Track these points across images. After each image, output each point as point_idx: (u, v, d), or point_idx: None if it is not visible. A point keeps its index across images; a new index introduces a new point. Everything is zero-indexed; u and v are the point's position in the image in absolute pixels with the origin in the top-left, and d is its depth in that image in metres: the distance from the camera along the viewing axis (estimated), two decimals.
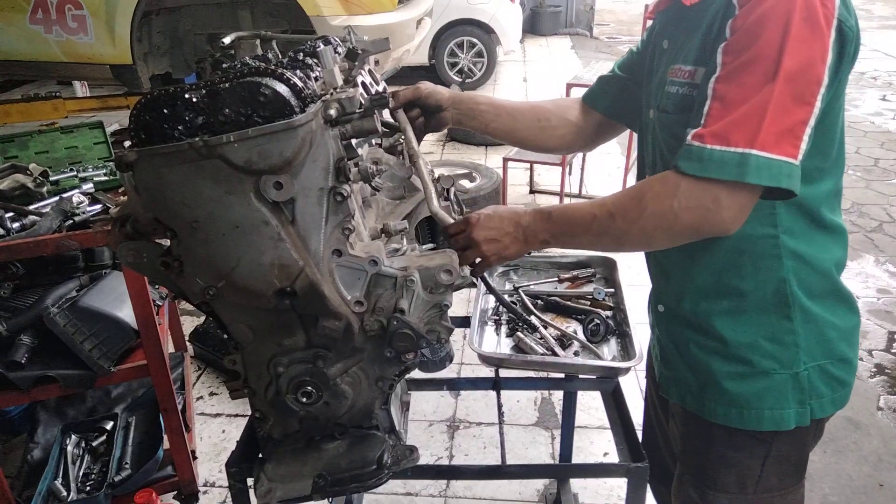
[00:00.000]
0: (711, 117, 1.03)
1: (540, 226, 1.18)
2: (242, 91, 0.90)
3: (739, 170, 0.99)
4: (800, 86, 0.99)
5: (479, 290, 1.65)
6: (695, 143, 1.03)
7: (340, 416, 1.19)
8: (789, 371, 1.20)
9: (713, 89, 1.03)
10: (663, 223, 1.06)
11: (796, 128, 1.00)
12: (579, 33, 11.25)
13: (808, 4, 0.98)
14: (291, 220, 0.98)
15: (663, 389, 1.39)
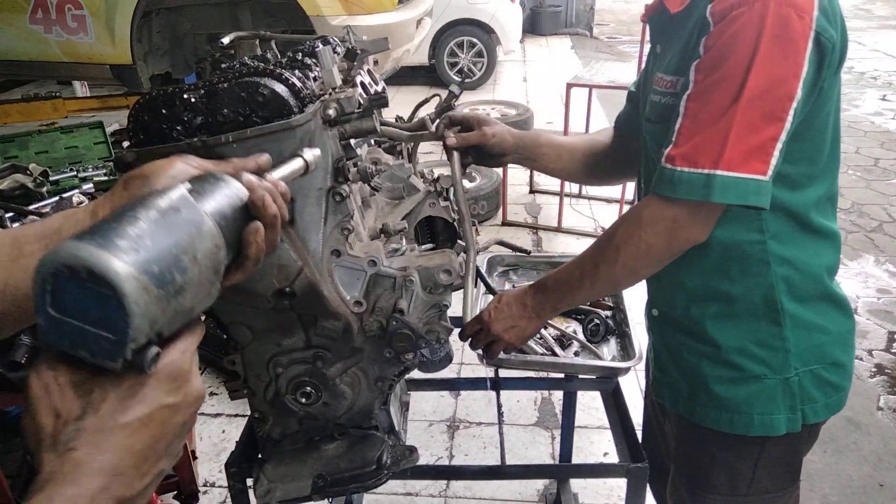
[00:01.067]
0: (682, 136, 1.05)
1: (542, 299, 1.25)
2: (241, 91, 0.90)
3: (705, 190, 1.02)
4: (768, 103, 1.00)
5: (479, 290, 1.65)
6: (667, 167, 1.06)
7: (340, 417, 1.19)
8: (780, 376, 1.20)
9: (685, 107, 1.05)
10: (640, 256, 1.11)
11: (766, 145, 1.02)
12: (579, 33, 11.25)
13: (782, 21, 0.98)
14: (290, 221, 0.98)
15: (657, 393, 1.39)
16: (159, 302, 0.45)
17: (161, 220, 0.47)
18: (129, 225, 0.45)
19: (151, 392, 0.46)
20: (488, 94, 7.56)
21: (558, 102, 6.81)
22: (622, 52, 10.01)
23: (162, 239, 0.46)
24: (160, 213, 0.48)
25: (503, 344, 1.29)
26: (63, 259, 0.42)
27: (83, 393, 0.43)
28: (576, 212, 4.75)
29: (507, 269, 1.81)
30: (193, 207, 0.51)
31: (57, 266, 0.42)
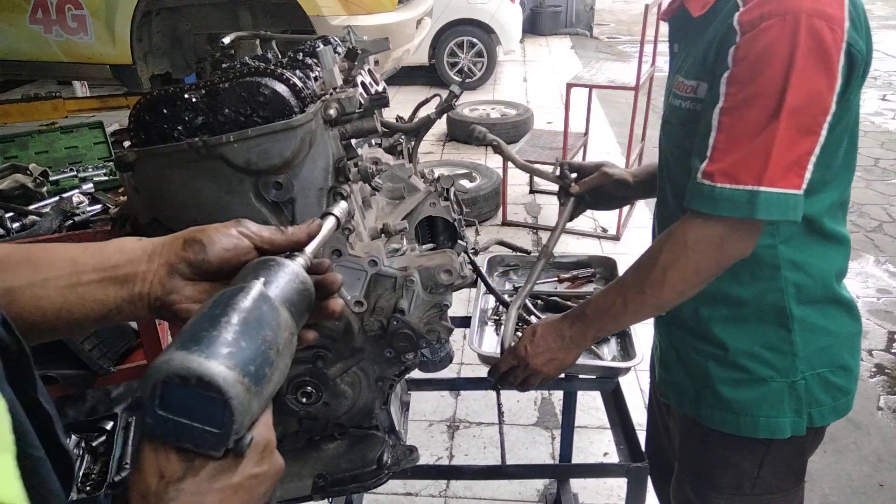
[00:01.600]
0: (718, 151, 1.04)
1: (581, 329, 1.23)
2: (242, 91, 0.90)
3: (749, 207, 1.01)
4: (805, 118, 1.00)
5: (479, 290, 1.65)
6: (705, 183, 1.04)
7: (340, 417, 1.19)
8: (786, 380, 1.20)
9: (718, 121, 1.04)
10: (689, 277, 1.10)
11: (801, 159, 1.01)
12: (579, 33, 11.25)
13: (814, 33, 0.97)
14: (291, 221, 0.98)
15: (662, 393, 1.39)
16: (256, 396, 0.51)
17: (248, 320, 0.53)
18: (225, 331, 0.51)
19: (244, 464, 0.53)
20: (488, 94, 7.57)
21: (558, 102, 6.81)
22: (622, 52, 10.01)
23: (252, 339, 0.52)
24: (247, 314, 0.53)
25: (541, 377, 1.27)
26: (174, 369, 0.48)
27: (186, 459, 0.50)
28: None
29: (507, 269, 1.81)
30: (271, 304, 0.56)
31: (168, 375, 0.48)
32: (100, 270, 0.65)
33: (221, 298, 0.55)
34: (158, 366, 0.48)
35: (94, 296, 0.65)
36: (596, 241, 4.37)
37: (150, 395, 0.48)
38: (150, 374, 0.48)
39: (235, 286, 0.56)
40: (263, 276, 0.59)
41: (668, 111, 1.20)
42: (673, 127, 1.18)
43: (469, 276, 1.14)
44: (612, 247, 4.30)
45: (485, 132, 1.50)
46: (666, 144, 1.23)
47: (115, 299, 0.65)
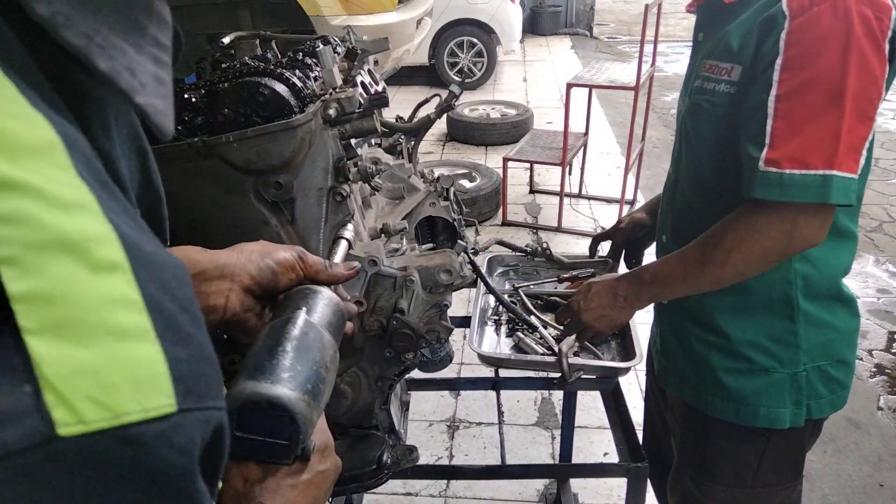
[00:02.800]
0: (778, 137, 1.03)
1: (638, 290, 1.27)
2: (241, 91, 0.90)
3: (822, 191, 1.01)
4: (864, 102, 1.00)
5: (479, 290, 1.65)
6: (771, 170, 1.03)
7: (340, 416, 1.19)
8: (788, 371, 1.21)
9: (774, 108, 1.03)
10: (753, 260, 1.10)
11: (859, 144, 1.03)
12: (579, 33, 11.25)
13: (866, 20, 0.98)
14: (291, 220, 0.98)
15: (662, 380, 1.39)
16: (314, 409, 0.58)
17: (299, 346, 0.61)
18: (283, 359, 0.59)
19: (310, 464, 0.61)
20: (488, 94, 7.57)
21: (558, 102, 6.81)
22: (622, 52, 10.01)
23: (305, 362, 0.60)
24: (298, 341, 0.62)
25: (593, 332, 1.32)
26: (248, 397, 0.55)
27: (264, 465, 0.58)
28: (576, 212, 4.75)
29: (507, 269, 1.81)
30: (315, 329, 0.65)
31: (242, 402, 0.55)
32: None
33: (273, 330, 0.63)
34: (234, 395, 0.56)
35: None
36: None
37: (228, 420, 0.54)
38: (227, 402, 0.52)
39: (283, 317, 0.64)
40: (304, 305, 0.67)
41: (697, 94, 1.19)
42: (702, 108, 1.17)
43: (469, 276, 1.14)
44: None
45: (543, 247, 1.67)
46: (693, 127, 1.22)
47: None
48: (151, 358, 0.30)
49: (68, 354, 0.27)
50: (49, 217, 0.27)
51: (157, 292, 0.32)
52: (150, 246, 0.33)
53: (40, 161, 0.28)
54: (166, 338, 0.31)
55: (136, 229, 0.33)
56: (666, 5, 4.44)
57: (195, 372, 0.33)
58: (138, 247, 0.31)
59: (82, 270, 0.28)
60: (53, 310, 0.27)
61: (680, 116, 1.29)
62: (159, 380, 0.30)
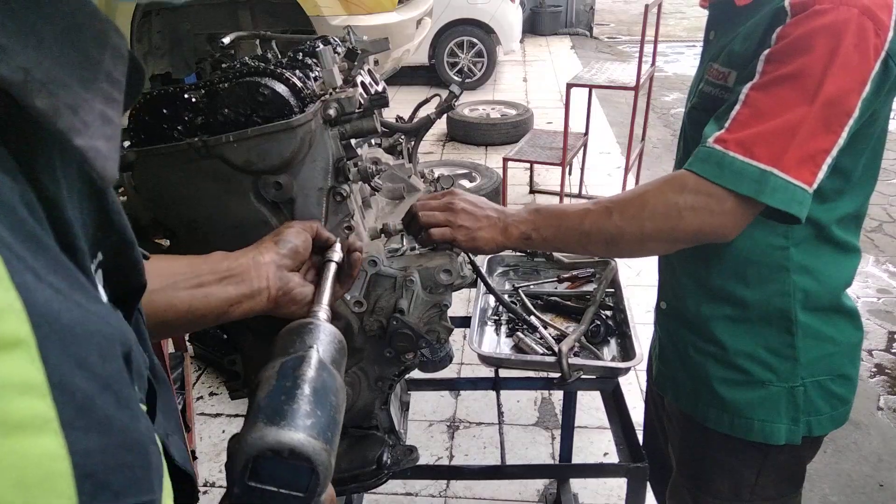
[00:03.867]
0: (737, 122, 0.99)
1: (524, 216, 1.09)
2: (241, 91, 0.90)
3: (757, 186, 0.97)
4: (832, 113, 0.96)
5: (479, 290, 1.65)
6: (716, 147, 0.99)
7: None
8: (785, 384, 1.18)
9: (746, 94, 1.00)
10: (665, 223, 1.02)
11: (818, 156, 0.98)
12: (579, 33, 11.24)
13: (861, 31, 0.94)
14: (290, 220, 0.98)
15: (659, 386, 1.39)
16: (333, 455, 0.56)
17: (317, 390, 0.58)
18: (303, 403, 0.56)
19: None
20: (488, 95, 7.57)
21: (558, 102, 6.81)
22: (622, 52, 10.01)
23: (324, 407, 0.57)
24: (315, 384, 0.59)
25: (445, 232, 1.07)
26: (269, 444, 0.52)
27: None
28: None
29: (507, 269, 1.82)
30: (329, 370, 0.62)
31: (261, 450, 0.52)
32: (216, 273, 0.79)
33: (286, 370, 0.60)
34: (252, 442, 0.52)
35: (216, 294, 0.78)
36: None
37: (241, 468, 0.52)
38: (243, 449, 0.52)
39: (296, 356, 0.62)
40: (313, 342, 0.65)
41: (697, 97, 1.18)
42: (699, 113, 1.15)
43: (469, 276, 1.14)
44: None
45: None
46: (691, 132, 1.20)
47: (236, 295, 0.79)
48: (50, 454, 0.26)
49: None
50: None
51: (69, 371, 0.28)
52: (71, 314, 0.29)
53: None
54: (75, 426, 0.27)
55: (61, 292, 0.29)
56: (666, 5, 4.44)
57: (112, 464, 0.29)
58: (53, 316, 0.27)
59: None
60: None
61: (683, 123, 1.28)
62: (57, 480, 0.26)
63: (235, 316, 0.80)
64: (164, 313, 0.75)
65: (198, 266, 0.79)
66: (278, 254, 0.83)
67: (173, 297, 0.75)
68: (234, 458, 0.52)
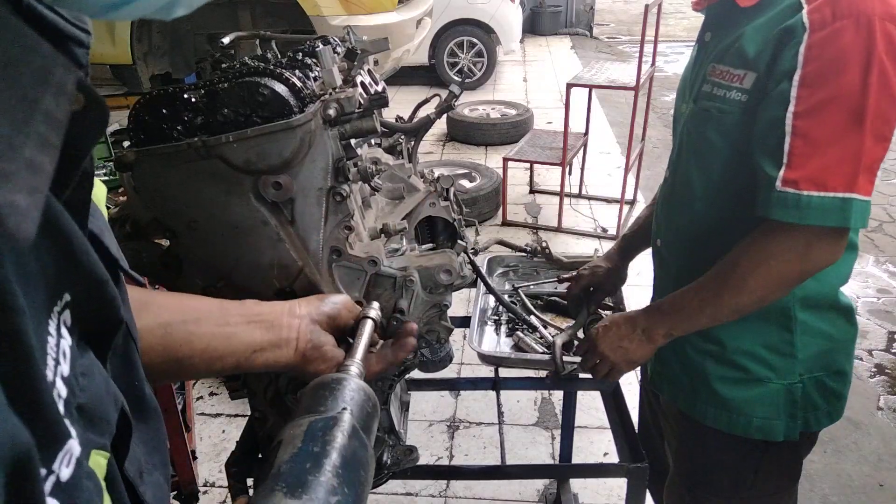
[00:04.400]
0: (797, 157, 1.00)
1: (655, 321, 1.20)
2: (241, 91, 0.90)
3: (841, 215, 0.99)
4: (881, 123, 0.98)
5: (479, 290, 1.65)
6: (789, 191, 1.00)
7: None
8: (784, 381, 1.19)
9: (792, 125, 0.99)
10: (773, 281, 1.07)
11: (875, 165, 1.01)
12: (579, 33, 11.25)
13: (888, 38, 0.95)
14: (290, 221, 0.98)
15: (656, 385, 1.39)
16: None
17: (347, 461, 0.52)
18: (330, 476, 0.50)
19: None
20: (488, 94, 7.57)
21: (558, 102, 6.82)
22: (622, 52, 10.01)
23: (352, 484, 0.51)
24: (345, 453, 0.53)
25: (608, 364, 1.25)
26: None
27: None
28: (576, 212, 4.75)
29: (507, 269, 1.81)
30: (361, 439, 0.56)
31: None
32: (246, 315, 0.76)
33: (314, 432, 0.54)
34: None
35: (240, 336, 0.74)
36: (596, 241, 4.37)
37: None
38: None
39: (325, 416, 0.56)
40: (344, 402, 0.59)
41: (705, 99, 1.16)
42: (713, 115, 1.14)
43: (469, 276, 1.14)
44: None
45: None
46: (697, 132, 1.19)
47: (261, 341, 0.75)
48: None
49: None
50: None
51: None
52: None
53: None
54: None
55: None
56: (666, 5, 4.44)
57: None
58: None
59: None
60: None
61: (682, 120, 1.27)
62: None
63: (258, 365, 0.75)
64: (178, 348, 0.71)
65: (227, 307, 0.77)
66: (317, 309, 0.80)
67: (193, 332, 0.72)
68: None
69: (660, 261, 1.35)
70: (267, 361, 0.76)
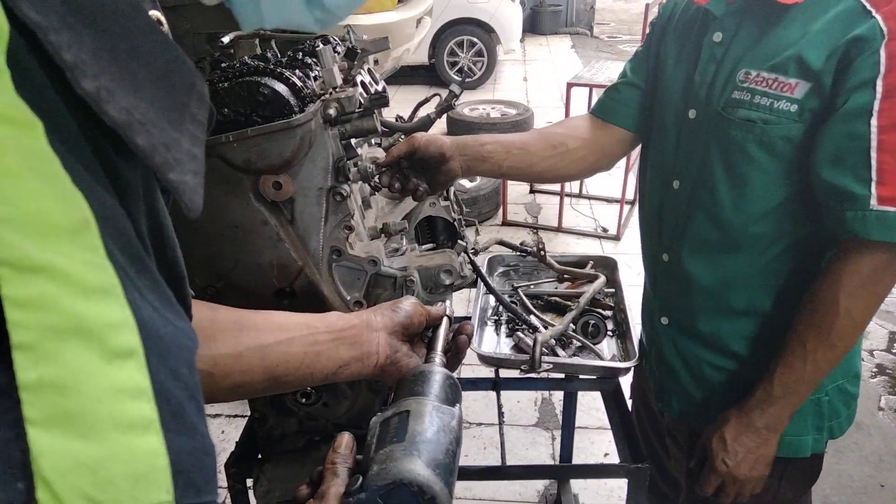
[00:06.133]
0: (887, 172, 0.95)
1: (775, 413, 1.10)
2: (241, 90, 0.90)
3: None
4: None
5: (479, 290, 1.64)
6: (889, 209, 0.95)
7: (340, 417, 1.19)
8: (812, 396, 1.14)
9: (878, 140, 0.94)
10: (873, 310, 1.05)
11: None
12: (580, 32, 11.24)
13: None
14: (290, 220, 0.98)
15: (661, 402, 1.35)
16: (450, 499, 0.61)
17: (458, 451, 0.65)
18: (453, 461, 0.63)
19: None
20: (488, 94, 7.56)
21: (558, 102, 6.81)
22: (623, 51, 10.01)
23: (455, 458, 0.64)
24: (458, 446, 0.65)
25: (754, 482, 1.16)
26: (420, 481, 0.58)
27: None
28: (576, 212, 4.75)
29: (508, 269, 1.81)
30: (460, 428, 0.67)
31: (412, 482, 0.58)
32: (331, 332, 0.81)
33: (444, 418, 0.66)
34: (409, 471, 0.59)
35: (328, 353, 0.80)
36: (596, 241, 4.37)
37: (386, 485, 0.58)
38: (398, 471, 0.59)
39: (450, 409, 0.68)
40: (457, 399, 0.72)
41: (739, 106, 1.07)
42: (755, 126, 1.05)
43: (469, 276, 1.13)
44: (612, 247, 4.29)
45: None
46: (718, 138, 1.10)
47: (346, 357, 0.81)
48: (154, 451, 0.30)
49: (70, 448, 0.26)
50: (70, 302, 0.27)
51: (167, 380, 0.32)
52: (167, 329, 0.33)
53: (71, 243, 0.28)
54: (171, 428, 0.31)
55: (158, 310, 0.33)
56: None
57: (197, 464, 0.33)
58: (156, 331, 0.31)
59: (96, 358, 0.28)
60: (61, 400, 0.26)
61: (684, 133, 1.18)
62: (159, 474, 0.30)
63: (343, 377, 0.82)
64: (275, 368, 0.77)
65: (314, 324, 0.82)
66: (392, 321, 0.84)
67: (287, 352, 0.78)
68: (383, 473, 0.59)
69: (669, 275, 1.27)
70: (351, 374, 0.82)
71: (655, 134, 1.28)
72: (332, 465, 0.65)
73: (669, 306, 1.30)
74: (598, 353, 1.48)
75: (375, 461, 0.62)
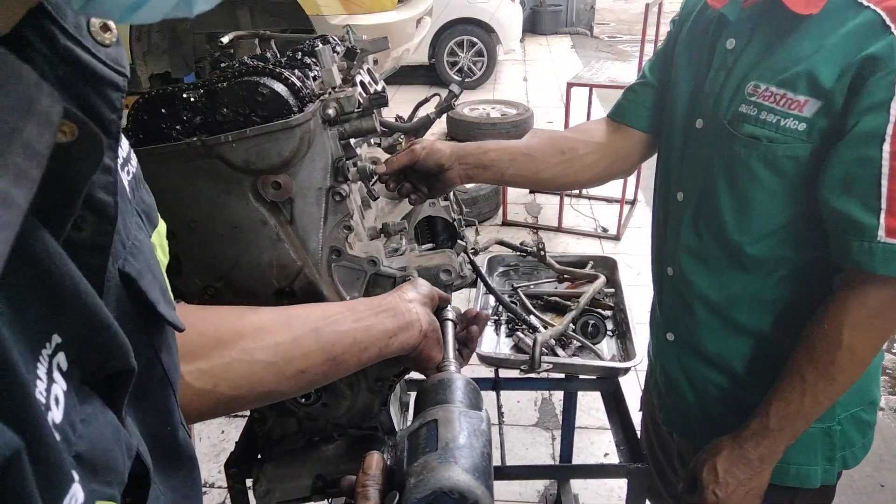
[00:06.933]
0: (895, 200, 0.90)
1: (770, 445, 1.06)
2: (240, 90, 0.90)
3: None
4: None
5: (479, 290, 1.64)
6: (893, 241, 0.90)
7: (339, 417, 1.19)
8: (822, 425, 1.11)
9: (890, 167, 0.88)
10: (877, 345, 0.99)
11: None
12: (580, 32, 11.24)
13: None
14: (290, 220, 0.98)
15: (668, 422, 1.33)
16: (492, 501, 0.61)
17: (491, 458, 0.65)
18: (490, 471, 0.62)
19: None
20: (488, 94, 7.56)
21: (558, 102, 6.81)
22: (623, 51, 10.01)
23: (490, 461, 0.64)
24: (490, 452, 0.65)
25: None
26: (463, 489, 0.58)
27: None
28: (576, 212, 4.75)
29: (507, 269, 1.81)
30: (490, 431, 0.68)
31: (456, 489, 0.58)
32: (371, 308, 0.83)
33: (480, 426, 0.67)
34: (448, 477, 0.58)
35: (376, 326, 0.82)
36: (596, 241, 4.37)
37: (431, 492, 0.58)
38: (436, 481, 0.58)
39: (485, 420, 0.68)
40: (481, 403, 0.74)
41: (745, 121, 1.03)
42: (760, 142, 1.01)
43: (469, 276, 1.13)
44: (612, 247, 4.29)
45: None
46: (719, 151, 1.07)
47: (393, 328, 0.82)
48: None
49: None
50: None
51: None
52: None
53: None
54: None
55: None
56: (666, 5, 4.43)
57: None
58: None
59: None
60: None
61: (689, 143, 1.15)
62: None
63: (393, 349, 0.83)
64: (332, 347, 0.78)
65: (354, 305, 0.84)
66: (419, 293, 0.88)
67: (338, 330, 0.80)
68: (422, 484, 0.58)
69: (673, 290, 1.24)
70: (400, 344, 0.83)
71: (664, 141, 1.24)
72: (364, 489, 0.62)
73: (675, 322, 1.27)
74: (597, 353, 1.48)
75: (411, 474, 0.60)
